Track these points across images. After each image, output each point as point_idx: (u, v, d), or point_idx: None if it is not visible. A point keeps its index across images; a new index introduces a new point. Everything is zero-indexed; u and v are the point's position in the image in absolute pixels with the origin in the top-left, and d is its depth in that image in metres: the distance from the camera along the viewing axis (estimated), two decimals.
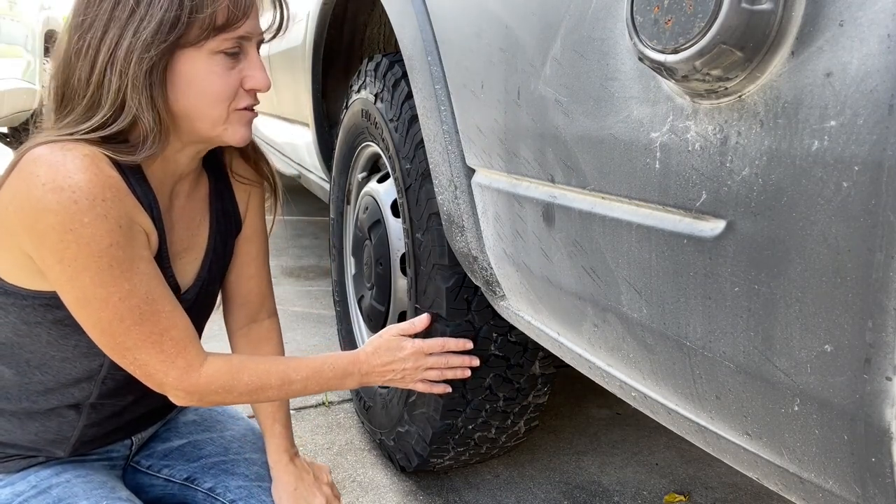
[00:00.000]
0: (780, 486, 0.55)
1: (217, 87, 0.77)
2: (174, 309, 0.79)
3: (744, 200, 0.49)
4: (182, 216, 0.89)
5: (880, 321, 0.41)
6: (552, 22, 0.68)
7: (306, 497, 0.96)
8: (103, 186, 0.71)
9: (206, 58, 0.76)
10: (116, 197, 0.73)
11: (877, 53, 0.39)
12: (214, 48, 0.76)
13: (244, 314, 1.05)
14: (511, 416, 1.27)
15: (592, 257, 0.68)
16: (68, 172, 0.69)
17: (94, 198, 0.70)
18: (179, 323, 0.80)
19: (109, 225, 0.72)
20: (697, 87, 0.49)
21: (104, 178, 0.72)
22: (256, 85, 0.80)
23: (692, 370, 0.59)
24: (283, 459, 0.99)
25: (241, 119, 0.82)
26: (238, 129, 0.82)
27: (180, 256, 0.90)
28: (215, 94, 0.78)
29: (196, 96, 0.77)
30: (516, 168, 0.80)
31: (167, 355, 0.78)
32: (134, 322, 0.75)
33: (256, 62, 0.81)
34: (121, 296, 0.74)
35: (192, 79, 0.76)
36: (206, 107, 0.78)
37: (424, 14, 1.02)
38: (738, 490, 1.45)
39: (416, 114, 1.12)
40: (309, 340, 2.23)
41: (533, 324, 0.90)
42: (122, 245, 0.73)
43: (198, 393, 0.81)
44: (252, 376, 0.85)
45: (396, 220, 1.36)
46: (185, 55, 0.75)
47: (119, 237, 0.73)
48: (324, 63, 1.89)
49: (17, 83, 4.86)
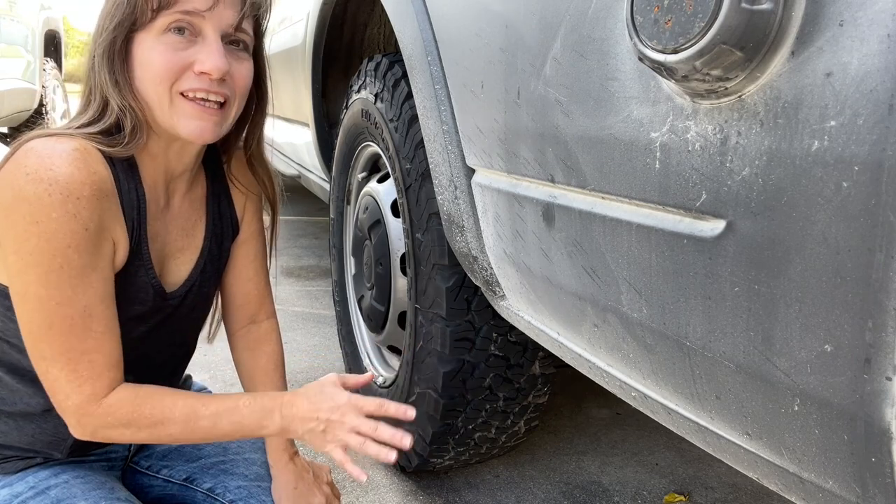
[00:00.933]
0: (780, 486, 0.55)
1: (159, 62, 0.75)
2: (107, 333, 0.76)
3: (744, 200, 0.49)
4: (177, 216, 0.89)
5: (880, 321, 0.41)
6: (552, 22, 0.68)
7: (306, 496, 0.96)
8: (82, 183, 0.71)
9: (154, 37, 0.76)
10: (94, 196, 0.72)
11: (877, 53, 0.39)
12: (161, 26, 0.75)
13: (243, 316, 1.04)
14: (511, 416, 1.27)
15: (592, 257, 0.68)
16: (52, 164, 0.70)
17: (68, 194, 0.70)
18: (106, 348, 0.76)
19: (76, 225, 0.71)
20: (697, 87, 0.49)
21: (86, 174, 0.72)
22: (202, 67, 0.75)
23: (692, 370, 0.59)
24: (283, 458, 0.98)
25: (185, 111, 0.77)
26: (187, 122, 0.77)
27: (174, 257, 0.89)
28: (156, 74, 0.75)
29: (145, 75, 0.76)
30: (516, 168, 0.80)
31: (78, 378, 0.75)
32: (61, 332, 0.73)
33: (211, 45, 0.76)
34: (59, 301, 0.72)
35: (142, 59, 0.76)
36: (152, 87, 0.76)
37: (424, 14, 1.02)
38: (738, 490, 1.45)
39: (416, 114, 1.12)
40: (309, 340, 2.23)
41: (533, 324, 0.90)
42: (82, 250, 0.72)
43: (91, 426, 0.77)
44: (154, 409, 0.79)
45: (396, 220, 1.36)
46: (138, 39, 0.76)
47: (81, 241, 0.71)
48: (324, 63, 1.89)
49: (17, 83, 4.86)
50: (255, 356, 1.04)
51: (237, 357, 1.06)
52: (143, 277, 0.83)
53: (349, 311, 1.75)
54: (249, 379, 1.04)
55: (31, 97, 5.22)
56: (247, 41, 0.82)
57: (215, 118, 0.78)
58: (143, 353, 0.88)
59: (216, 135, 0.79)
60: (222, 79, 0.77)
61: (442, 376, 1.14)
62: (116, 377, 0.78)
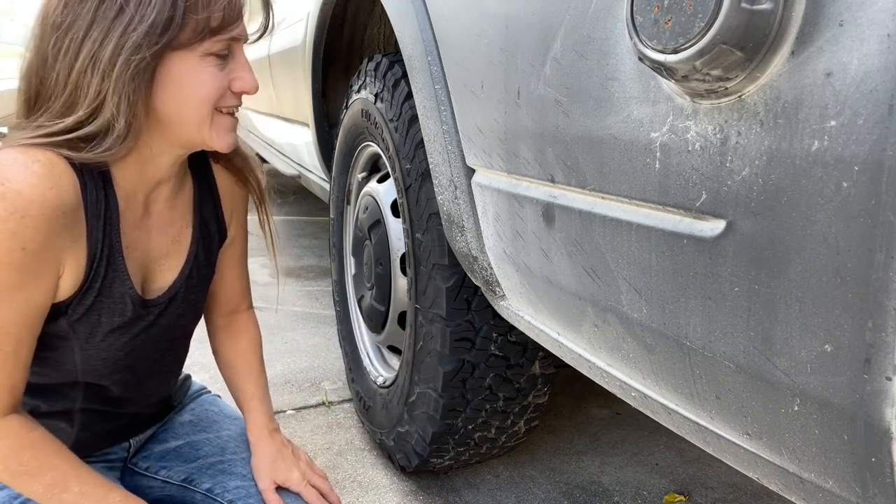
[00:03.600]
0: (780, 486, 0.55)
1: (208, 89, 0.76)
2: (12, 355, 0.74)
3: (744, 200, 0.49)
4: (160, 222, 0.87)
5: (880, 321, 0.41)
6: (552, 22, 0.68)
7: (284, 471, 0.96)
8: (31, 202, 0.68)
9: (197, 59, 0.74)
10: (41, 216, 0.69)
11: (877, 53, 0.39)
12: (206, 50, 0.74)
13: (225, 310, 1.06)
14: (511, 416, 1.27)
15: (592, 257, 0.68)
16: (4, 179, 0.67)
17: (13, 210, 0.67)
18: (7, 371, 0.74)
19: (13, 243, 0.68)
20: (697, 87, 0.49)
21: (40, 191, 0.68)
22: (245, 87, 0.79)
23: (692, 370, 0.59)
24: (263, 433, 0.99)
25: (224, 125, 0.80)
26: (223, 136, 0.80)
27: (157, 263, 0.87)
28: (205, 96, 0.76)
29: (185, 98, 0.75)
30: (516, 168, 0.80)
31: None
32: None
33: (245, 64, 0.79)
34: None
35: (182, 81, 0.74)
36: (193, 108, 0.76)
37: (424, 14, 1.02)
38: (738, 490, 1.45)
39: (416, 114, 1.12)
40: (309, 340, 2.23)
41: (533, 324, 0.90)
42: (13, 268, 0.69)
43: None
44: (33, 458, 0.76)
45: (396, 220, 1.36)
46: (175, 57, 0.73)
47: (15, 259, 0.69)
48: (324, 63, 1.89)
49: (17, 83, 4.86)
50: (235, 344, 1.06)
51: (216, 345, 1.07)
52: (119, 288, 0.81)
53: (349, 311, 1.75)
54: (228, 364, 1.06)
55: None
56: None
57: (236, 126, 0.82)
58: (131, 363, 0.87)
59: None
60: None
61: (442, 376, 1.14)
62: (11, 402, 0.75)
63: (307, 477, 0.98)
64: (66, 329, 0.79)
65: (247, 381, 1.03)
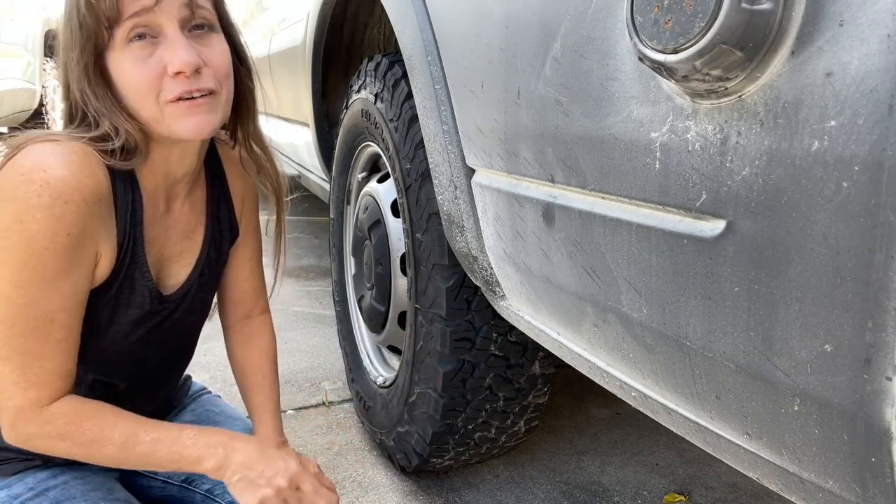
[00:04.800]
0: (780, 486, 0.55)
1: (135, 79, 0.73)
2: (64, 342, 0.75)
3: (744, 200, 0.49)
4: (178, 220, 0.88)
5: (880, 321, 0.41)
6: (552, 22, 0.68)
7: None
8: (73, 188, 0.70)
9: (120, 52, 0.73)
10: (83, 202, 0.71)
11: (877, 53, 0.39)
12: (122, 38, 0.72)
13: (238, 312, 1.05)
14: (511, 416, 1.27)
15: (592, 257, 0.68)
16: (46, 166, 0.69)
17: (57, 196, 0.69)
18: (60, 357, 0.75)
19: (58, 227, 0.70)
20: (697, 87, 0.49)
21: (79, 178, 0.71)
22: (174, 66, 0.71)
23: (692, 370, 0.59)
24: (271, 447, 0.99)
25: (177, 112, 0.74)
26: (182, 123, 0.74)
27: (173, 260, 0.89)
28: (137, 90, 0.73)
29: (128, 94, 0.74)
30: (516, 168, 0.80)
31: (26, 381, 0.74)
32: (20, 332, 0.72)
33: (175, 41, 0.72)
34: (25, 301, 0.71)
35: (118, 76, 0.74)
36: (139, 103, 0.74)
37: (424, 14, 1.02)
38: (738, 490, 1.45)
39: (416, 114, 1.12)
40: (309, 340, 2.23)
41: (533, 324, 0.90)
42: (58, 254, 0.71)
43: (26, 432, 0.76)
44: (94, 426, 0.77)
45: (396, 220, 1.36)
46: (108, 58, 0.74)
47: (60, 244, 0.70)
48: (324, 63, 1.89)
49: (17, 83, 4.87)
50: (248, 350, 1.05)
51: (230, 351, 1.07)
52: (139, 281, 0.83)
53: (349, 311, 1.75)
54: (241, 372, 1.05)
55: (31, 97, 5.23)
56: (209, 17, 0.77)
57: (205, 107, 0.75)
58: (141, 357, 0.88)
59: (214, 125, 0.77)
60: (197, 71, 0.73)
61: (442, 376, 1.14)
62: (64, 387, 0.77)
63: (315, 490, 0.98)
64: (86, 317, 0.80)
65: (257, 393, 1.02)
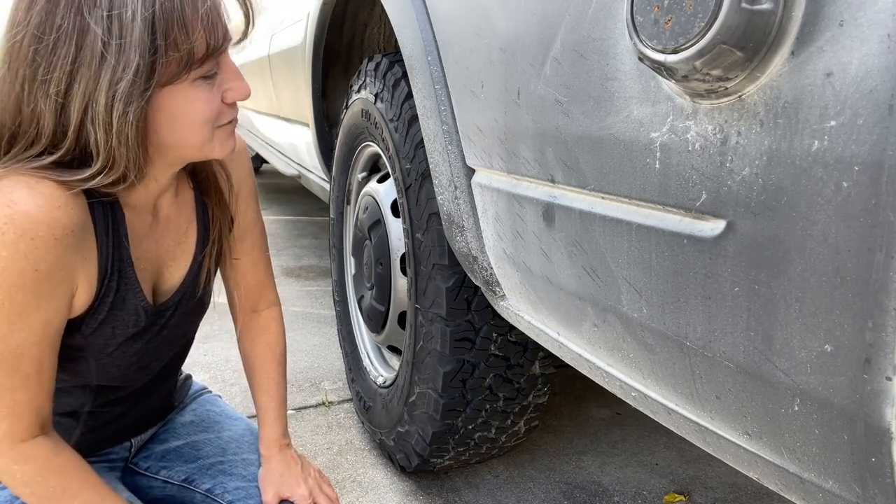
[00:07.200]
0: (780, 486, 0.55)
1: (203, 113, 0.73)
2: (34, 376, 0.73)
3: (744, 200, 0.49)
4: (168, 228, 0.87)
5: (880, 321, 0.41)
6: (552, 22, 0.68)
7: (290, 486, 0.96)
8: (38, 223, 0.67)
9: (187, 89, 0.72)
10: (51, 236, 0.68)
11: (877, 53, 0.39)
12: (195, 77, 0.71)
13: (244, 306, 1.05)
14: (511, 416, 1.27)
15: (592, 257, 0.68)
16: (12, 200, 0.66)
17: (22, 233, 0.66)
18: (31, 392, 0.73)
19: (24, 266, 0.67)
20: (697, 87, 0.49)
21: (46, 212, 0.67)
22: (237, 96, 0.76)
23: (692, 370, 0.59)
24: (273, 448, 0.99)
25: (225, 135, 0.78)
26: (225, 144, 0.78)
27: (166, 266, 0.88)
28: (202, 120, 0.74)
29: (183, 127, 0.73)
30: (516, 168, 0.80)
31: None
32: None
33: (234, 72, 0.76)
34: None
35: (177, 113, 0.72)
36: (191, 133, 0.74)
37: (424, 14, 1.02)
38: (738, 490, 1.45)
39: (416, 114, 1.12)
40: (309, 340, 2.23)
41: (533, 324, 0.90)
42: (27, 290, 0.68)
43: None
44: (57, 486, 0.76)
45: (396, 220, 1.36)
46: (166, 92, 0.70)
47: (28, 281, 0.68)
48: (324, 63, 1.89)
49: None
50: (254, 347, 1.05)
51: (239, 346, 1.07)
52: (131, 301, 0.81)
53: (349, 311, 1.75)
54: (249, 369, 1.05)
55: None
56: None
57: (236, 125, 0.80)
58: (145, 364, 0.89)
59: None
60: None
61: (442, 376, 1.14)
62: (37, 423, 0.75)
63: (313, 494, 0.98)
64: (82, 342, 0.79)
65: (263, 393, 1.03)
